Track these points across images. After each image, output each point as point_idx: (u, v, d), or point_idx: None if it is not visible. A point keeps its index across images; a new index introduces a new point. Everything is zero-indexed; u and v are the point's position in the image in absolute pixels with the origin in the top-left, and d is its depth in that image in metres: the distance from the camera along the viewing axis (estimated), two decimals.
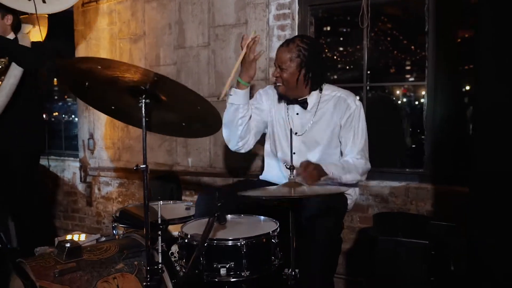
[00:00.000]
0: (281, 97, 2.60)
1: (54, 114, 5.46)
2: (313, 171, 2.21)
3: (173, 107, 1.98)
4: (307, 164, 2.23)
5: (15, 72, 3.10)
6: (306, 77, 2.43)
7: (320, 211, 2.17)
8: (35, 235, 3.34)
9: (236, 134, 2.53)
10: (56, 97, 5.35)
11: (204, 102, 1.85)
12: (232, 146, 2.61)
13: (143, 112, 1.80)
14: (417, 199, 3.01)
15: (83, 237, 3.04)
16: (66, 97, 5.22)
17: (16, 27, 3.29)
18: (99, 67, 1.69)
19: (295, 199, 1.92)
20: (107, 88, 1.88)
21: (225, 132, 2.57)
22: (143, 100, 1.81)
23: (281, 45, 2.49)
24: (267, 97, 2.68)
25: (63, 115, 5.30)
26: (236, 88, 2.47)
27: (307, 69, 2.41)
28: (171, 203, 2.97)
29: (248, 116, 2.53)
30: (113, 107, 2.03)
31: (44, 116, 3.64)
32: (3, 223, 3.67)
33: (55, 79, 5.22)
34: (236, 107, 2.48)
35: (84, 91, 1.96)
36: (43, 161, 4.82)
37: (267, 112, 2.66)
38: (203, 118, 2.04)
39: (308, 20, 3.39)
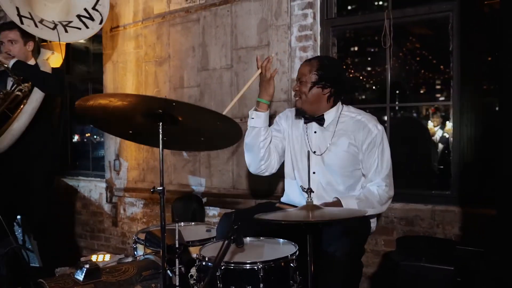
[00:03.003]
0: (299, 113, 2.60)
1: (86, 135, 5.59)
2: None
3: (192, 126, 2.00)
4: (333, 203, 2.29)
5: (37, 96, 3.22)
6: (324, 91, 2.43)
7: (340, 235, 2.12)
8: (57, 254, 3.40)
9: (258, 157, 2.56)
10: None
11: (223, 117, 1.88)
12: (254, 169, 2.63)
13: (161, 137, 1.81)
14: (444, 222, 2.91)
15: (107, 257, 3.06)
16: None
17: (35, 53, 3.43)
18: (110, 100, 1.73)
19: (312, 223, 1.88)
20: (122, 118, 1.92)
21: (247, 156, 2.61)
22: (160, 125, 1.83)
23: (304, 61, 2.56)
24: (285, 118, 2.70)
25: (95, 136, 5.42)
26: (256, 108, 2.50)
27: (325, 83, 2.43)
28: (193, 225, 2.97)
29: (269, 139, 2.55)
30: (130, 132, 2.06)
31: (59, 136, 3.75)
32: (25, 241, 3.74)
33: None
34: (257, 130, 2.50)
35: (102, 122, 2.01)
36: (71, 182, 4.95)
37: (286, 133, 2.66)
38: (224, 132, 2.11)
39: (330, 41, 3.38)
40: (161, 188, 1.82)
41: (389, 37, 3.12)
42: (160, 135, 1.81)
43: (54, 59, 3.68)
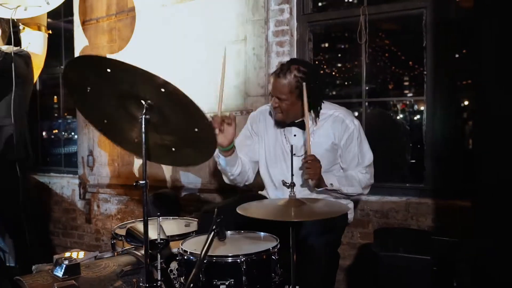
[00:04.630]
0: (278, 123, 2.59)
1: (54, 131, 5.46)
2: (317, 168, 2.27)
3: (170, 128, 1.90)
4: (315, 159, 2.27)
5: None
6: (303, 102, 2.41)
7: (319, 227, 2.15)
8: (33, 252, 3.30)
9: (234, 181, 2.62)
10: (56, 115, 5.35)
11: (203, 123, 1.77)
12: (231, 183, 2.67)
13: (143, 124, 1.76)
14: (418, 214, 2.99)
15: (81, 254, 3.00)
16: (66, 114, 5.21)
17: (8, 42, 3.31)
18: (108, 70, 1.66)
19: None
20: (108, 96, 1.83)
21: (223, 176, 2.65)
22: (145, 106, 1.76)
23: (278, 75, 2.40)
24: (256, 124, 2.69)
25: (63, 132, 5.30)
26: (221, 154, 2.46)
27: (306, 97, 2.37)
28: (171, 219, 2.95)
29: (240, 168, 2.56)
30: (105, 121, 1.97)
31: (25, 126, 3.52)
32: (2, 239, 3.63)
33: (55, 97, 5.24)
34: (225, 169, 2.54)
35: (83, 96, 1.90)
36: (42, 178, 4.83)
37: (259, 137, 2.67)
38: (197, 141, 1.90)
39: (307, 37, 3.41)
40: (143, 182, 1.79)
41: (365, 33, 3.17)
42: (143, 119, 1.74)
43: (35, 49, 3.58)
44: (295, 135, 2.54)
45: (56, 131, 5.45)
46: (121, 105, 1.84)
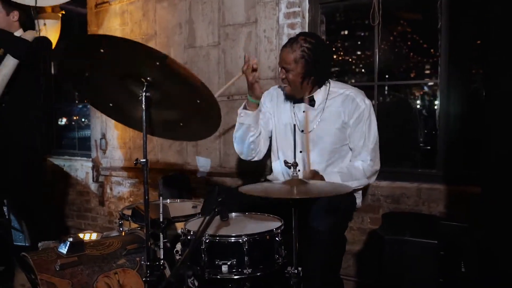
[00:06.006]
0: (288, 97, 2.58)
1: (75, 118, 5.51)
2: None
3: (173, 103, 1.92)
4: (313, 176, 2.26)
5: (9, 62, 3.08)
6: (312, 76, 2.40)
7: (325, 209, 2.12)
8: (45, 233, 3.34)
9: (248, 148, 2.59)
10: (77, 101, 5.37)
11: (205, 95, 1.79)
12: (245, 157, 2.66)
13: (144, 103, 1.76)
14: (429, 200, 2.93)
15: (94, 236, 3.04)
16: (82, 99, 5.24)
17: (24, 24, 3.31)
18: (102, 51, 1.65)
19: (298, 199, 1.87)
20: (108, 78, 1.83)
21: (236, 147, 2.64)
22: (145, 84, 1.75)
23: (285, 46, 2.44)
24: (269, 98, 2.68)
25: (82, 119, 5.34)
26: (246, 106, 2.50)
27: (312, 69, 2.38)
28: (179, 201, 2.96)
29: (258, 133, 2.57)
30: (111, 104, 1.99)
31: (44, 113, 3.51)
32: (10, 221, 3.69)
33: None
34: (247, 126, 2.51)
35: (83, 82, 1.91)
36: (56, 161, 4.90)
37: (271, 113, 2.65)
38: (202, 113, 1.95)
39: (318, 18, 3.35)
40: (144, 160, 1.78)
41: (378, 14, 3.09)
42: (144, 102, 1.74)
43: (50, 31, 3.58)
44: (304, 112, 2.51)
45: (76, 117, 5.50)
46: (122, 86, 1.84)
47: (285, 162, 1.97)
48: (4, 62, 3.08)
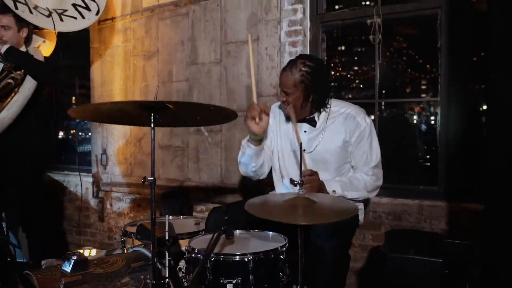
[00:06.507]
0: (289, 118, 2.58)
1: (72, 131, 5.52)
2: (315, 182, 2.24)
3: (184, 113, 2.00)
4: (313, 174, 2.25)
5: (29, 85, 3.13)
6: (312, 100, 2.42)
7: (329, 227, 2.12)
8: (46, 248, 3.33)
9: (253, 172, 2.61)
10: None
11: (204, 112, 1.88)
12: (249, 176, 2.68)
13: (152, 126, 1.79)
14: (431, 217, 2.94)
15: (93, 252, 3.02)
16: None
17: (27, 40, 3.35)
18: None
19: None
20: (114, 113, 1.90)
21: (241, 169, 2.65)
22: (152, 116, 1.79)
23: (284, 70, 2.45)
24: (273, 116, 2.67)
25: (79, 133, 5.35)
26: (249, 141, 2.50)
27: (312, 92, 2.40)
28: (181, 218, 2.95)
29: (260, 165, 2.59)
30: (124, 120, 2.03)
31: (50, 131, 3.65)
32: (14, 235, 3.68)
33: (73, 98, 5.29)
34: (250, 156, 2.53)
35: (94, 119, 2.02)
36: (56, 176, 4.88)
37: (273, 131, 2.67)
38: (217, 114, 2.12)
39: (320, 37, 3.39)
40: (152, 178, 1.79)
41: (378, 33, 3.14)
42: (152, 124, 1.77)
43: (45, 48, 3.61)
44: (305, 131, 2.52)
45: (74, 131, 5.51)
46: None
47: (291, 181, 1.98)
48: (25, 84, 3.14)
